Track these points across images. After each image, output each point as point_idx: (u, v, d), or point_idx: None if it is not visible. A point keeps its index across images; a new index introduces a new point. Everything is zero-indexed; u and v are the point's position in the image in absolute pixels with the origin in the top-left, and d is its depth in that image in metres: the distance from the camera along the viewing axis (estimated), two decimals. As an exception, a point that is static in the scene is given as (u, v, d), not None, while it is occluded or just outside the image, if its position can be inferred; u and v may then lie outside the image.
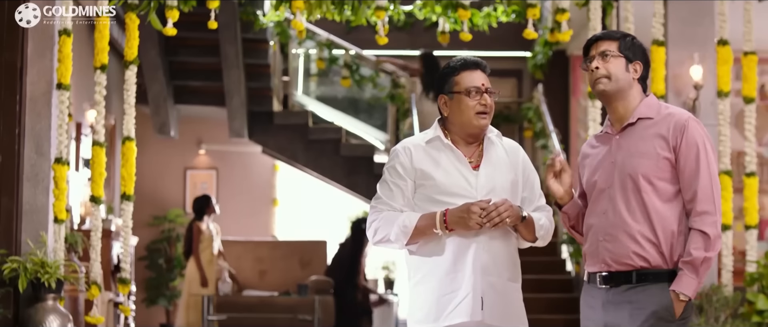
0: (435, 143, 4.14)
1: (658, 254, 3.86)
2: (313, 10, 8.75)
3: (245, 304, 10.98)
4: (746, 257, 7.95)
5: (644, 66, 4.02)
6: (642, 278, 3.86)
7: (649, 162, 3.89)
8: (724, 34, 7.94)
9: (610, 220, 3.93)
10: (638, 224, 3.87)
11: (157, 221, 14.46)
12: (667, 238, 3.86)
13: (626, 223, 3.89)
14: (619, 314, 3.89)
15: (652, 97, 4.04)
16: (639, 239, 3.86)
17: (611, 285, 3.92)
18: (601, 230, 3.96)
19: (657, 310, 3.82)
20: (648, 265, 3.86)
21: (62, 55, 7.37)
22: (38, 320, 6.94)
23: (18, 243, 7.19)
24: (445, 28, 9.05)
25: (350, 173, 12.49)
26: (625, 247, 3.88)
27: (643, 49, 4.04)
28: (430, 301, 4.04)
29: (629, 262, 3.88)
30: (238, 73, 11.75)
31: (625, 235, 3.89)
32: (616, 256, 3.90)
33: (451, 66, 4.18)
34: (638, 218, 3.87)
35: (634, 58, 4.00)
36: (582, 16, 9.03)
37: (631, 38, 4.04)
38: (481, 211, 3.93)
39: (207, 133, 14.78)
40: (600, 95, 4.04)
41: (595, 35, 4.09)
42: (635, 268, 3.87)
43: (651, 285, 3.85)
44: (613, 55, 3.98)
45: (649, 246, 3.86)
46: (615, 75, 3.98)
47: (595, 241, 3.98)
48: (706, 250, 3.79)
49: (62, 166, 7.31)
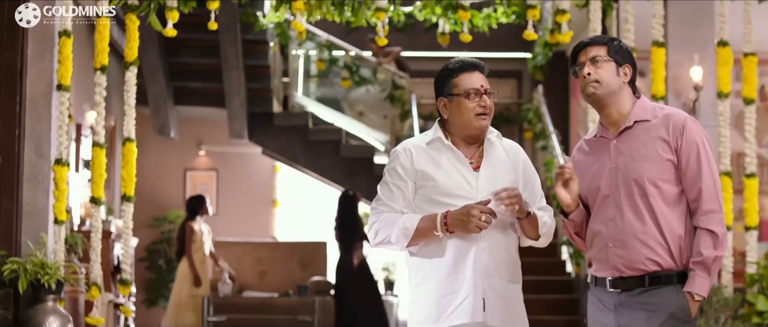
0: (435, 144, 4.14)
1: (669, 257, 3.87)
2: (313, 11, 8.75)
3: (245, 305, 10.98)
4: (746, 258, 7.95)
5: (632, 69, 4.04)
6: (655, 281, 3.88)
7: (653, 165, 3.90)
8: (724, 35, 7.94)
9: (619, 227, 3.93)
10: (648, 229, 3.89)
11: (157, 222, 14.46)
12: (675, 240, 3.88)
13: (636, 229, 3.90)
14: (635, 317, 3.89)
15: (644, 98, 4.05)
16: (651, 244, 3.88)
17: (623, 288, 3.93)
18: (610, 237, 3.96)
19: (674, 311, 3.84)
20: (660, 268, 3.87)
21: (62, 56, 7.37)
22: (38, 321, 6.93)
23: (18, 244, 7.18)
24: (445, 30, 9.05)
25: (350, 174, 12.49)
26: (638, 253, 3.89)
27: (629, 53, 4.07)
28: (431, 302, 4.04)
29: (642, 267, 3.89)
30: (238, 74, 11.76)
31: (636, 241, 3.90)
32: (629, 262, 3.91)
33: (449, 68, 4.17)
34: (647, 223, 3.89)
35: (624, 62, 4.01)
36: (582, 18, 9.03)
37: (618, 42, 4.06)
38: (481, 214, 3.92)
39: (207, 134, 14.78)
40: (591, 100, 4.04)
41: (582, 41, 4.09)
42: (648, 272, 3.88)
43: (664, 287, 3.87)
44: (603, 60, 3.99)
45: (660, 249, 3.87)
46: (606, 80, 3.98)
47: (604, 248, 3.98)
48: (715, 248, 3.83)
49: (62, 167, 7.31)
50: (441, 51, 12.22)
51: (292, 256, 11.85)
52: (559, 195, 4.02)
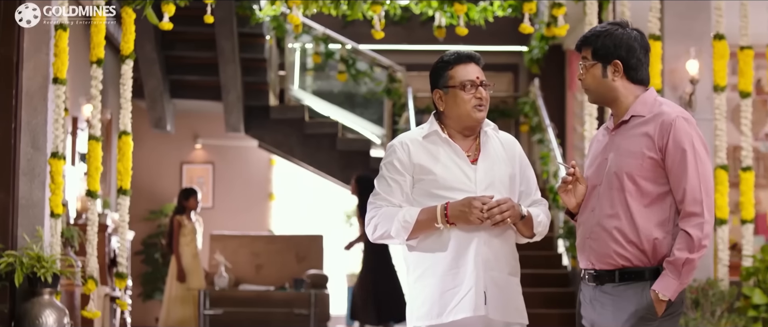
0: (432, 138, 4.13)
1: (640, 253, 3.82)
2: (310, 4, 8.74)
3: (241, 298, 10.97)
4: (742, 251, 7.95)
5: (627, 57, 3.90)
6: (625, 277, 3.84)
7: (634, 161, 3.84)
8: (720, 28, 7.94)
9: (596, 219, 3.91)
10: (619, 224, 3.84)
11: (153, 216, 14.45)
12: (649, 239, 3.81)
13: (608, 222, 3.86)
14: (604, 312, 3.88)
15: (649, 92, 3.96)
16: (619, 239, 3.84)
17: (597, 283, 3.91)
18: (588, 228, 3.95)
19: (637, 309, 3.80)
20: (630, 264, 3.83)
21: (58, 49, 7.36)
22: (34, 315, 6.93)
23: (14, 237, 7.18)
24: (441, 23, 9.04)
25: (346, 168, 12.49)
26: (607, 247, 3.86)
27: (618, 44, 3.90)
28: (433, 296, 4.03)
29: (611, 261, 3.86)
30: (234, 67, 11.75)
31: (606, 235, 3.87)
32: (599, 255, 3.89)
33: (444, 60, 4.15)
34: (620, 218, 3.84)
35: (611, 59, 3.90)
36: (578, 11, 9.02)
37: (604, 35, 3.92)
38: (482, 206, 3.92)
39: (203, 127, 14.77)
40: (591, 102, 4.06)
41: (579, 41, 4.02)
42: (617, 267, 3.85)
43: (633, 283, 3.82)
44: (588, 65, 3.94)
45: (630, 246, 3.83)
46: (591, 86, 3.95)
47: (583, 239, 3.97)
48: (689, 251, 3.74)
49: (58, 161, 7.30)
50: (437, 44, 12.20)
51: (289, 250, 11.84)
52: (563, 198, 4.02)
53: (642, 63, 3.95)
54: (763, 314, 7.54)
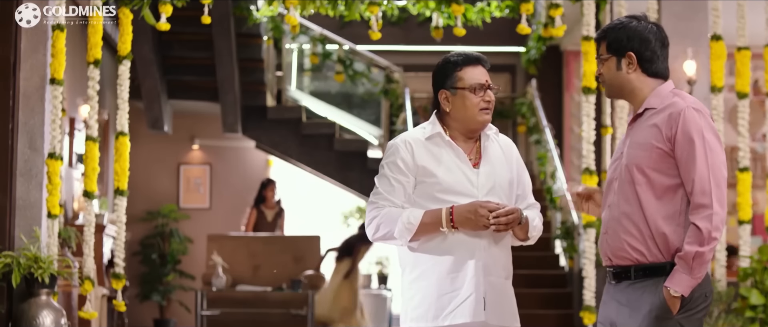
0: (435, 140, 4.07)
1: (654, 248, 3.75)
2: (307, 5, 8.74)
3: (238, 299, 10.97)
4: (739, 252, 7.96)
5: (641, 50, 3.85)
6: (640, 273, 3.77)
7: (644, 153, 3.78)
8: (717, 29, 7.95)
9: (612, 213, 3.86)
10: (632, 217, 3.78)
11: (150, 216, 14.43)
12: (660, 233, 3.74)
13: (622, 215, 3.81)
14: (621, 312, 3.82)
15: (665, 85, 3.89)
16: (631, 230, 3.78)
17: (616, 281, 3.85)
18: (605, 223, 3.90)
19: (651, 308, 3.72)
20: (645, 259, 3.76)
21: (56, 50, 7.35)
22: (31, 315, 6.92)
23: (11, 238, 7.18)
24: (438, 24, 9.04)
25: (344, 168, 12.49)
26: (620, 239, 3.80)
27: (632, 34, 3.87)
28: (430, 298, 3.98)
29: (626, 255, 3.79)
30: (231, 68, 11.74)
31: (619, 227, 3.81)
32: (614, 250, 3.83)
33: (452, 60, 4.09)
34: (633, 211, 3.78)
35: (624, 51, 3.86)
36: (575, 12, 9.03)
37: (618, 28, 3.90)
38: (489, 214, 3.90)
39: (200, 128, 14.76)
40: (609, 96, 4.01)
41: (596, 36, 4.02)
42: (633, 262, 3.78)
43: (647, 281, 3.75)
44: (603, 59, 3.91)
45: (643, 239, 3.76)
46: (608, 79, 3.92)
47: (601, 235, 3.92)
48: (699, 244, 3.64)
49: (55, 161, 7.30)
50: (434, 45, 12.21)
51: (286, 251, 11.84)
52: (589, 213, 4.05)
53: (658, 56, 3.89)
54: (760, 315, 7.55)
